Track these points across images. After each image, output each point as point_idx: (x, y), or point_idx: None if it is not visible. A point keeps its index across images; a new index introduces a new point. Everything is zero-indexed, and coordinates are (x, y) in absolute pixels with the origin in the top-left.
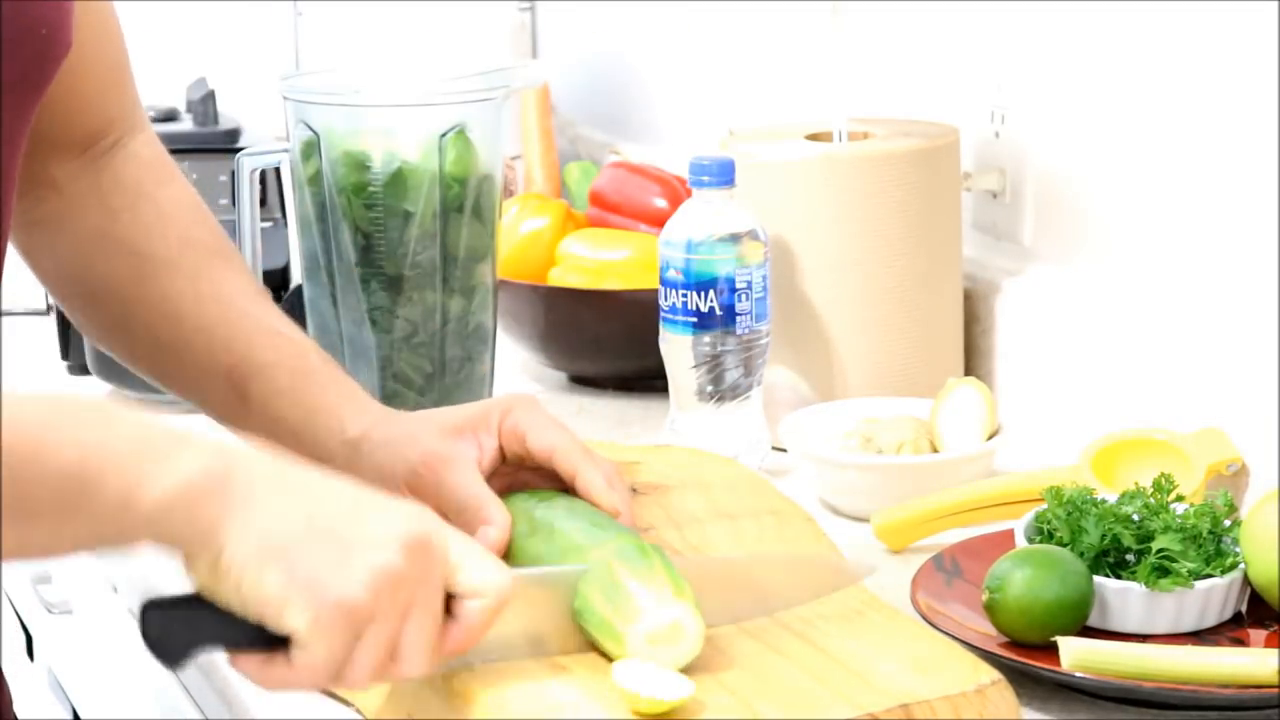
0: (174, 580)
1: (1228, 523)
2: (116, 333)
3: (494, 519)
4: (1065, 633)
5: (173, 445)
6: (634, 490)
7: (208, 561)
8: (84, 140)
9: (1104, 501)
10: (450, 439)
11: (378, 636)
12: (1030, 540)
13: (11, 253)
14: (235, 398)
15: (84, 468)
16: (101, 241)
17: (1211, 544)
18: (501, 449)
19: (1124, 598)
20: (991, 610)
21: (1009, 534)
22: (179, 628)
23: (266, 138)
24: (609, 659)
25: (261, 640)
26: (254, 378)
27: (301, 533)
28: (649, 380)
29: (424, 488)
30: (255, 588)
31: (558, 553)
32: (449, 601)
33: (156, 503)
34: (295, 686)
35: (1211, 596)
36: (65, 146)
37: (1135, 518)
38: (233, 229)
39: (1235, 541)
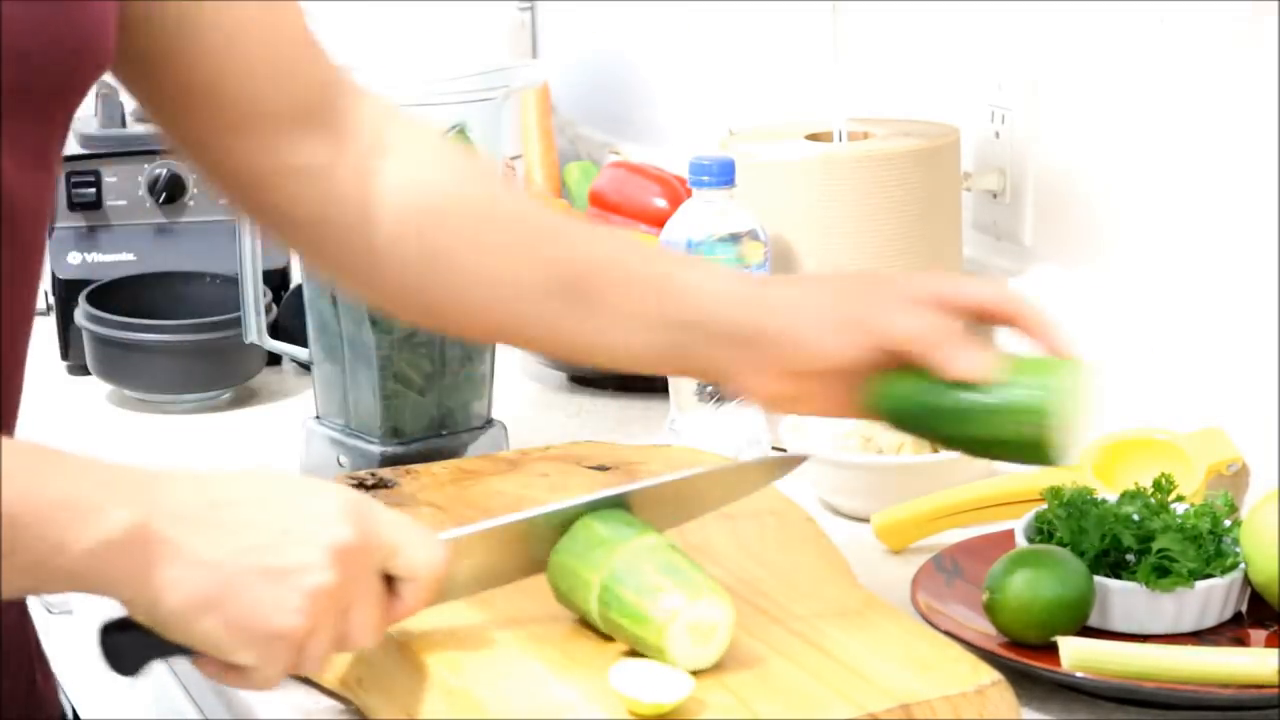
0: None
1: (1228, 523)
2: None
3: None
4: (1065, 633)
5: (98, 499)
6: None
7: (144, 609)
8: (296, 111)
9: (1104, 501)
10: (846, 330)
11: (322, 638)
12: (1030, 540)
13: None
14: (568, 309)
15: (12, 519)
16: (388, 195)
17: (1211, 544)
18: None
19: (1124, 598)
20: (991, 610)
21: (1009, 534)
22: (138, 645)
23: None
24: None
25: None
26: (594, 275)
27: (229, 575)
28: (649, 380)
29: None
30: (194, 636)
31: (582, 547)
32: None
33: (81, 558)
34: (256, 689)
35: (1211, 596)
36: (281, 123)
37: (1135, 518)
38: (233, 229)
39: (1235, 541)
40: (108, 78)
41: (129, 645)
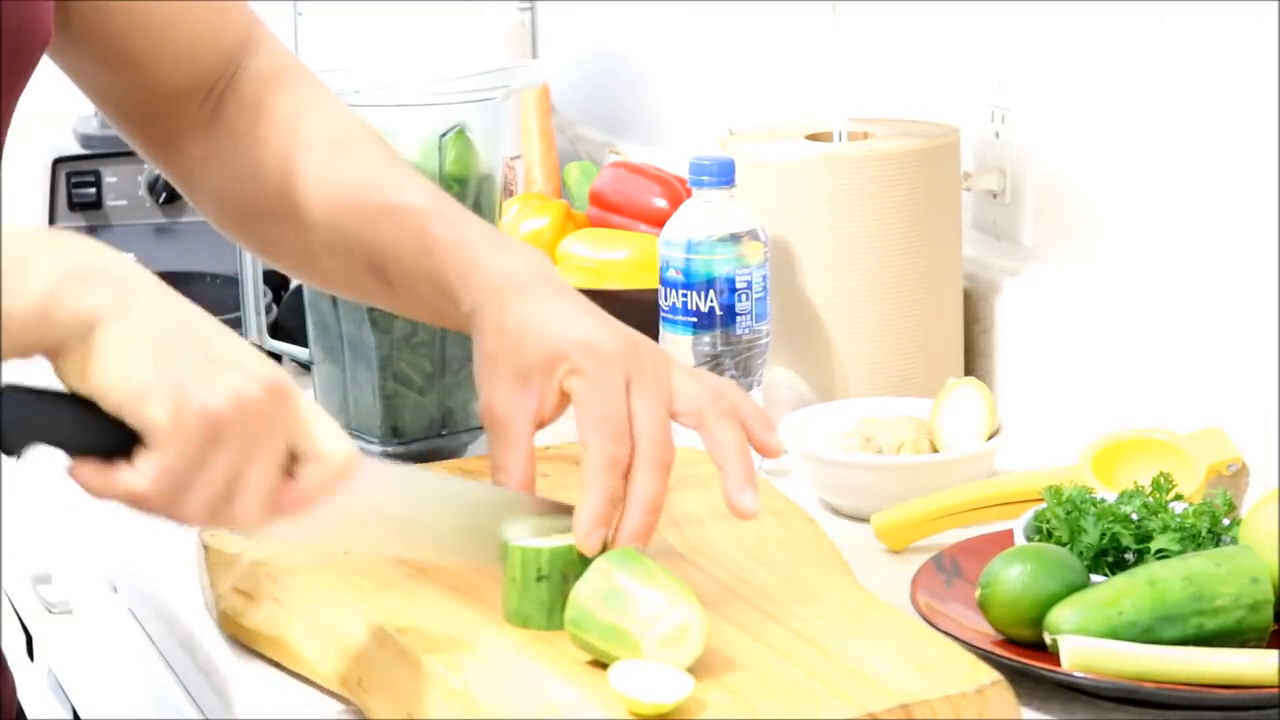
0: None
1: (1226, 522)
2: (273, 252)
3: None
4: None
5: (53, 242)
6: None
7: (80, 353)
8: (210, 79)
9: (1103, 501)
10: (516, 388)
11: (222, 464)
12: (1030, 540)
13: None
14: (382, 285)
15: None
16: (236, 167)
17: (1211, 544)
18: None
19: None
20: (983, 605)
21: (1009, 534)
22: (30, 416)
23: None
24: (602, 665)
25: (109, 447)
26: (387, 264)
27: (174, 332)
28: None
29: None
30: (121, 374)
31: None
32: (291, 464)
33: (38, 291)
34: (129, 499)
35: None
36: (194, 91)
37: (1134, 517)
38: None
39: (1234, 541)
40: None
41: (23, 414)
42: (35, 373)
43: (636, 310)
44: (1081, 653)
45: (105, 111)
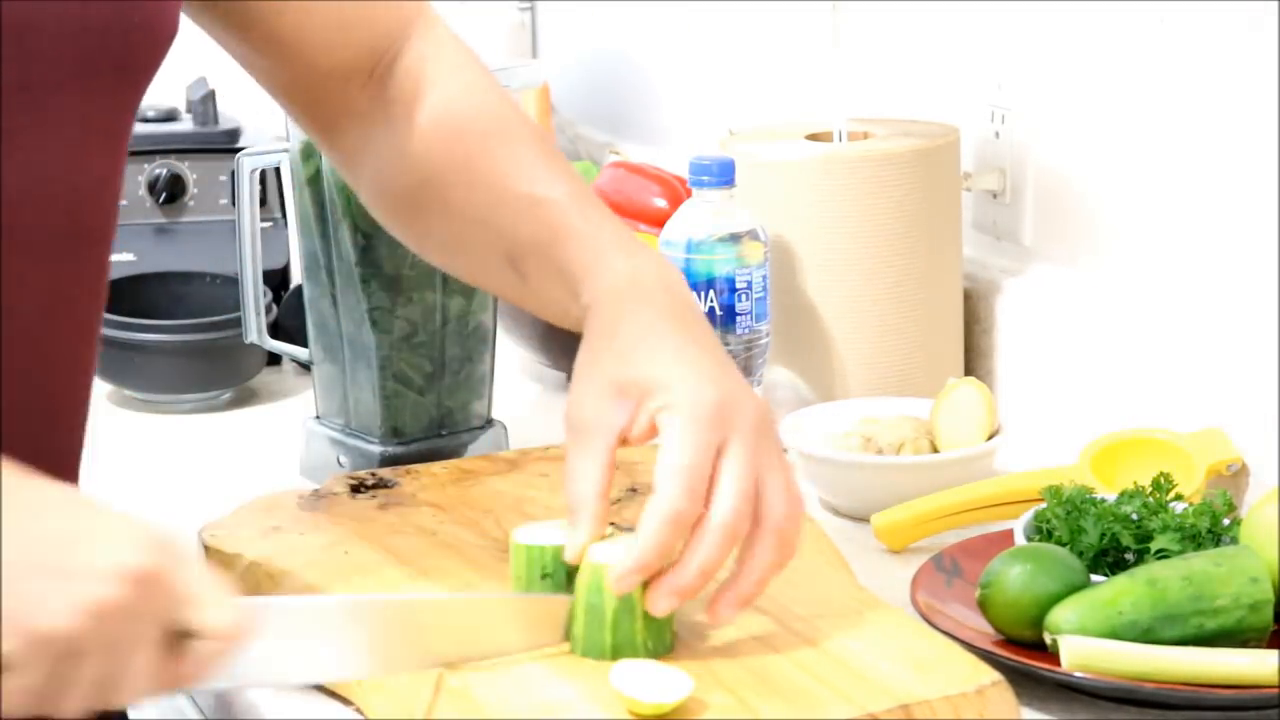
0: None
1: (1226, 522)
2: (424, 243)
3: (578, 527)
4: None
5: None
6: (634, 490)
7: None
8: (368, 63)
9: (1103, 501)
10: (611, 397)
11: (91, 669)
12: (1030, 540)
13: None
14: (517, 278)
15: None
16: (392, 155)
17: (1211, 543)
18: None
19: None
20: (983, 605)
21: (1009, 534)
22: None
23: (266, 138)
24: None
25: None
26: (523, 256)
27: (14, 560)
28: None
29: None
30: None
31: None
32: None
33: None
34: (4, 709)
35: None
36: (353, 75)
37: (1134, 517)
38: (233, 229)
39: (1234, 541)
40: None
41: None
42: None
43: None
44: (1081, 653)
45: (277, 100)
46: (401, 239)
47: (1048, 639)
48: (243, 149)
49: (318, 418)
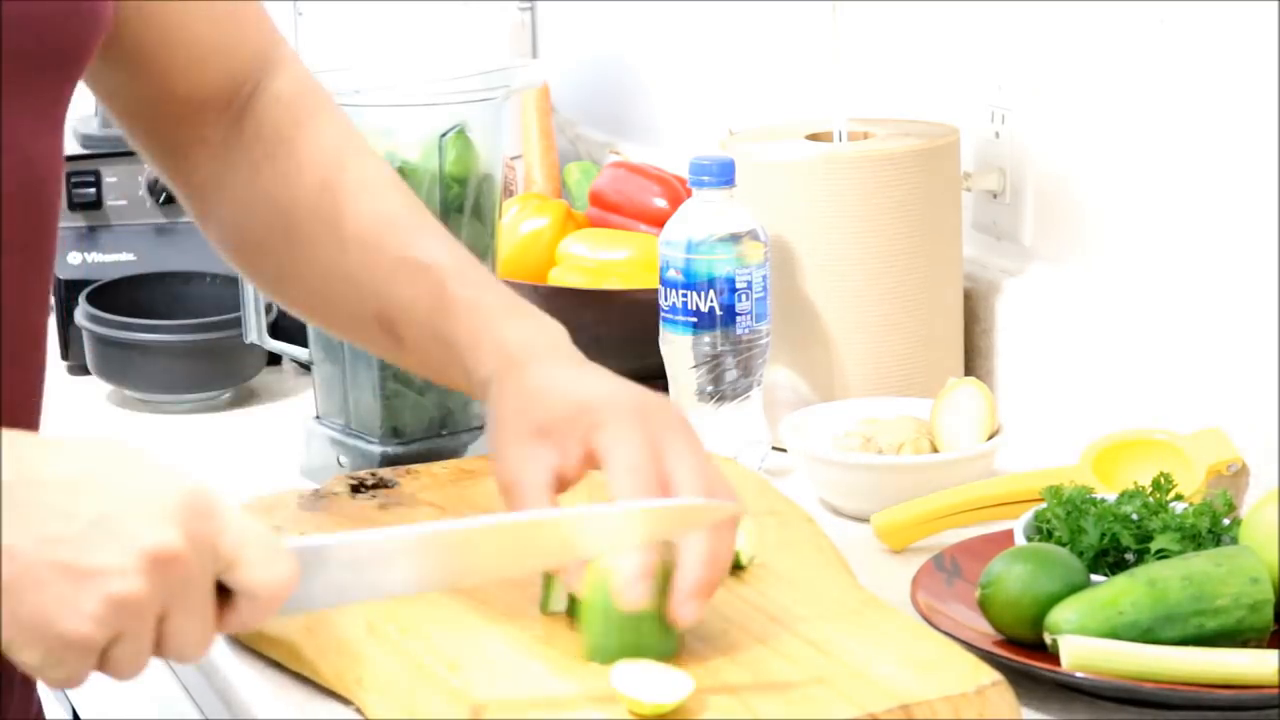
0: None
1: (1226, 522)
2: (278, 289)
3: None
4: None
5: None
6: None
7: None
8: (225, 93)
9: (1103, 501)
10: (533, 443)
11: (130, 646)
12: (1030, 540)
13: None
14: (390, 340)
15: None
16: (250, 197)
17: (1211, 543)
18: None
19: None
20: (984, 605)
21: (1009, 534)
22: None
23: None
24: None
25: None
26: (398, 320)
27: (23, 567)
28: (649, 380)
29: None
30: None
31: None
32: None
33: None
34: (51, 685)
35: None
36: (208, 103)
37: (1134, 517)
38: None
39: (1235, 541)
40: None
41: None
42: None
43: (636, 310)
44: (1081, 653)
45: (122, 122)
46: (253, 283)
47: (1048, 639)
48: None
49: (318, 418)
